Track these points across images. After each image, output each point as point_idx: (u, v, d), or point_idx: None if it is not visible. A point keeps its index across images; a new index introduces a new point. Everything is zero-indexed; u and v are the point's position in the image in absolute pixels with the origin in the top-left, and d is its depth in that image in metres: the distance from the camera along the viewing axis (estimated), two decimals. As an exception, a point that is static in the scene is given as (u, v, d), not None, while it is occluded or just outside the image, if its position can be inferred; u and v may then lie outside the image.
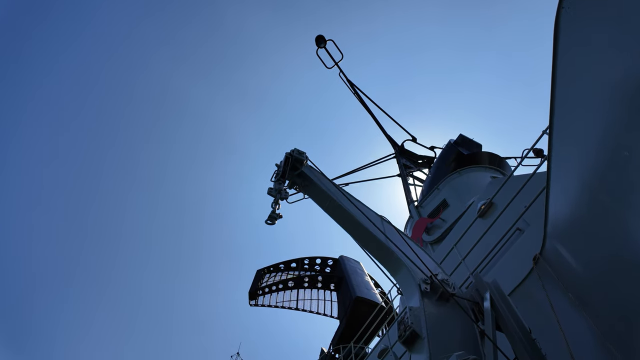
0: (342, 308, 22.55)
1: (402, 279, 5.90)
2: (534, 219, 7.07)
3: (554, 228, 4.47)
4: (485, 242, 7.97)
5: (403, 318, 4.96)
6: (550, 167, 4.11)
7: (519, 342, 4.47)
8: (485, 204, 9.27)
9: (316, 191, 7.11)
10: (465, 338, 4.80)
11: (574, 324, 3.97)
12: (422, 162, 18.22)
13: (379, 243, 6.22)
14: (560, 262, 4.37)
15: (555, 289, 4.29)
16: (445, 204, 12.74)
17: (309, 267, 26.99)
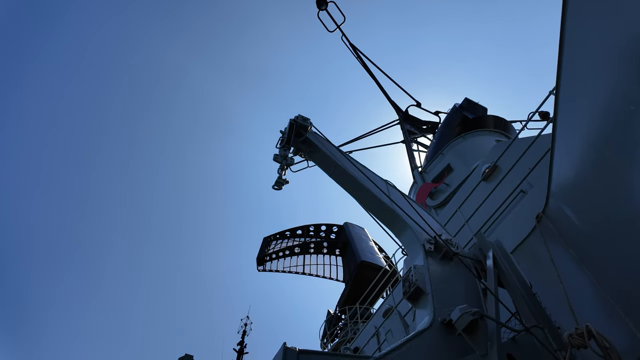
0: (348, 272, 23.21)
1: (407, 240, 6.05)
2: (537, 181, 7.12)
3: (558, 186, 4.53)
4: (488, 205, 8.07)
5: (408, 276, 5.13)
6: (556, 126, 4.11)
7: (520, 296, 4.65)
8: (489, 167, 9.30)
9: (321, 157, 7.16)
10: (468, 294, 4.98)
11: (575, 279, 4.11)
12: (427, 128, 18.08)
13: (384, 206, 6.33)
14: (562, 220, 4.46)
15: (556, 245, 4.40)
16: (449, 169, 12.77)
17: (315, 234, 27.52)
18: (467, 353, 4.01)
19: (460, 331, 4.02)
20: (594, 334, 3.35)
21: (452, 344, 4.12)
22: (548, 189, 4.66)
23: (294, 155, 7.24)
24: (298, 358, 3.26)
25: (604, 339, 3.31)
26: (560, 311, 4.28)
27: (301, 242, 27.13)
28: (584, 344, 3.36)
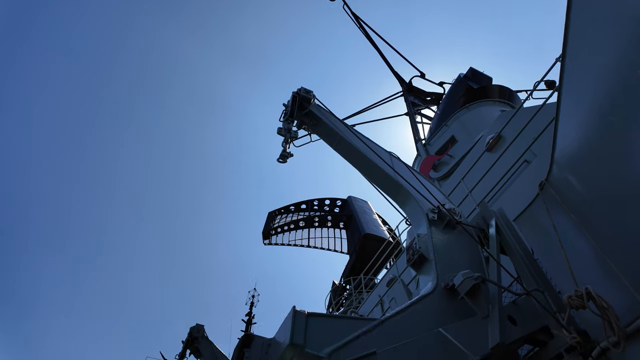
0: (352, 244, 23.57)
1: (411, 210, 6.13)
2: (541, 150, 7.11)
3: (561, 153, 4.54)
4: (492, 175, 8.10)
5: (412, 244, 5.25)
6: (561, 92, 4.08)
7: (521, 262, 4.77)
8: (493, 137, 9.26)
9: (324, 130, 7.15)
10: (471, 261, 5.10)
11: (576, 244, 4.19)
12: (431, 99, 17.85)
13: (388, 178, 6.38)
14: (565, 187, 4.50)
15: (559, 212, 4.46)
16: (453, 140, 12.72)
17: (319, 208, 27.79)
18: (469, 316, 4.16)
19: (462, 295, 4.16)
20: (592, 296, 3.46)
21: (455, 307, 4.26)
22: (552, 156, 4.67)
23: (298, 129, 7.24)
24: (307, 320, 3.40)
25: (602, 299, 3.42)
26: (561, 276, 4.39)
27: (306, 216, 27.46)
28: (582, 304, 3.48)
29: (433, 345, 3.43)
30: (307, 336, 3.29)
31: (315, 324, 3.45)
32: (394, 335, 3.54)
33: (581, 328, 3.95)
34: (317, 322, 3.49)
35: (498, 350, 3.73)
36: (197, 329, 12.48)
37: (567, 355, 3.94)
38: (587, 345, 3.66)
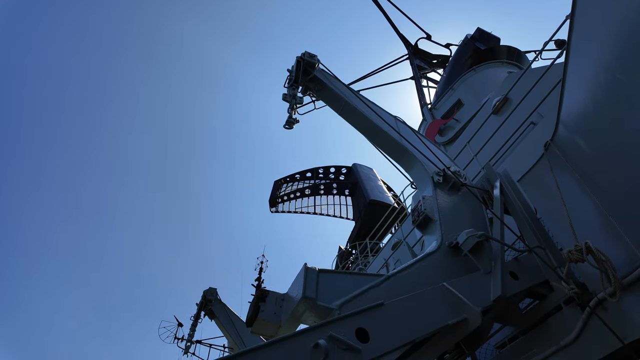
0: (357, 210, 23.90)
1: (416, 173, 6.22)
2: (548, 112, 7.05)
3: (568, 112, 4.55)
4: (498, 138, 8.10)
5: (417, 206, 5.38)
6: (569, 50, 4.04)
7: (524, 221, 4.90)
8: (500, 100, 9.16)
9: (330, 95, 7.13)
10: (475, 221, 5.24)
11: (578, 202, 4.28)
12: (437, 62, 17.45)
13: (393, 142, 6.42)
14: (570, 146, 4.54)
15: (563, 171, 4.52)
16: (459, 104, 12.57)
17: (324, 176, 27.95)
18: (472, 272, 4.34)
19: (466, 252, 4.32)
20: (592, 250, 3.60)
21: (458, 264, 4.45)
22: (558, 116, 4.68)
23: (303, 95, 7.21)
24: (318, 276, 3.59)
25: (600, 253, 3.56)
26: (562, 233, 4.51)
27: (311, 184, 27.70)
28: (581, 258, 3.62)
29: (437, 297, 3.62)
30: (318, 290, 3.49)
31: (325, 279, 3.64)
32: (400, 289, 3.73)
33: (580, 281, 4.12)
34: (328, 277, 3.68)
35: (499, 303, 3.93)
36: (211, 292, 13.04)
37: (566, 306, 4.13)
38: (585, 296, 3.84)
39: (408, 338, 3.13)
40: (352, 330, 2.96)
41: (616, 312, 3.63)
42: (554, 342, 4.10)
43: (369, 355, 2.85)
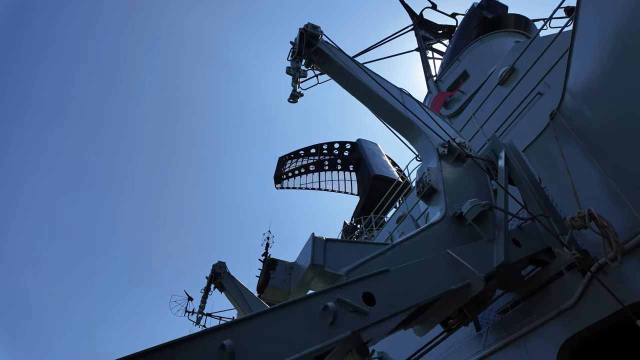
0: (362, 186, 24.00)
1: (421, 145, 6.23)
2: (555, 81, 6.95)
3: (575, 81, 4.51)
4: (504, 109, 8.02)
5: (422, 177, 5.42)
6: (578, 15, 3.96)
7: (528, 190, 4.94)
8: (506, 70, 9.01)
9: (334, 68, 7.05)
10: (479, 192, 5.29)
11: (583, 170, 4.31)
12: (443, 33, 17.04)
13: (398, 114, 6.40)
14: (576, 115, 4.52)
15: (568, 140, 4.53)
16: (465, 75, 12.37)
17: (328, 152, 27.91)
18: (476, 240, 4.43)
19: (470, 221, 4.40)
20: (594, 216, 3.66)
21: (462, 234, 4.52)
22: (564, 84, 4.64)
23: (307, 67, 7.14)
24: (325, 244, 3.70)
25: (603, 219, 3.62)
26: (566, 202, 4.56)
27: (315, 160, 27.70)
28: (584, 225, 3.69)
29: (441, 263, 3.73)
30: (326, 258, 3.60)
31: (332, 247, 3.75)
32: (404, 257, 3.83)
33: (582, 248, 4.21)
34: (335, 246, 3.79)
35: (502, 269, 4.03)
36: (220, 265, 13.38)
37: (567, 272, 4.24)
38: (587, 262, 3.93)
39: (412, 302, 3.25)
40: (359, 294, 3.08)
41: (616, 276, 3.72)
42: (555, 307, 4.23)
43: (375, 318, 2.97)
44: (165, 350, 2.21)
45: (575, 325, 3.98)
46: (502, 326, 4.93)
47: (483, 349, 5.05)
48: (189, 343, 2.25)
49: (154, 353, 2.18)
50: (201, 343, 2.29)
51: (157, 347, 2.19)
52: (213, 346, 2.29)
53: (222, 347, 2.28)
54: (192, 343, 2.26)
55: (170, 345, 2.21)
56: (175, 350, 2.21)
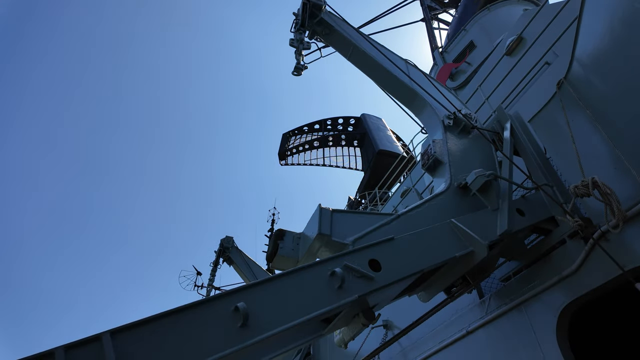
0: (366, 161, 23.99)
1: (426, 117, 6.21)
2: (564, 50, 6.81)
3: (583, 48, 4.44)
4: (511, 79, 7.91)
5: (427, 149, 5.44)
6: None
7: (533, 160, 4.96)
8: (514, 40, 8.81)
9: (338, 39, 6.95)
10: (484, 163, 5.30)
11: (588, 139, 4.31)
12: (449, 2, 16.56)
13: (403, 85, 6.35)
14: (583, 83, 4.48)
15: (574, 109, 4.50)
16: (472, 46, 12.11)
17: (332, 127, 27.74)
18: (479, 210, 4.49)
19: (474, 191, 4.45)
20: (598, 184, 3.69)
21: (466, 204, 4.59)
22: (573, 52, 4.57)
23: (310, 39, 7.05)
24: (332, 215, 3.78)
25: (606, 186, 3.66)
26: (571, 171, 4.59)
27: (319, 136, 27.58)
28: (587, 193, 3.73)
29: (445, 232, 3.81)
30: (332, 228, 3.69)
31: (339, 218, 3.84)
32: (409, 227, 3.91)
33: (585, 217, 4.26)
34: (341, 216, 3.87)
35: (506, 237, 4.11)
36: (227, 240, 13.69)
37: (570, 240, 4.31)
38: (589, 229, 4.00)
39: (417, 268, 3.36)
40: (365, 261, 3.18)
41: (617, 242, 3.79)
42: (557, 274, 4.33)
43: (381, 283, 3.08)
44: (181, 313, 2.33)
45: (575, 291, 4.09)
46: (504, 293, 5.07)
47: (485, 315, 5.22)
48: (204, 305, 2.38)
49: (168, 316, 2.30)
50: (216, 305, 2.41)
51: (173, 310, 2.32)
52: (227, 308, 2.41)
53: (235, 309, 2.40)
54: (207, 305, 2.38)
55: (188, 308, 2.34)
56: (191, 312, 2.33)
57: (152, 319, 2.21)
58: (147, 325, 2.18)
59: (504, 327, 4.92)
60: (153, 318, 2.22)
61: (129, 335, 2.11)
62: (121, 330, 2.12)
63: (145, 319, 2.20)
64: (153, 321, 2.21)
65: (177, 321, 2.26)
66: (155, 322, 2.21)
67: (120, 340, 2.08)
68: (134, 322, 2.16)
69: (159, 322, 2.21)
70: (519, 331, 4.67)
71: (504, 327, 4.92)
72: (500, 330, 4.98)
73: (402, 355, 6.96)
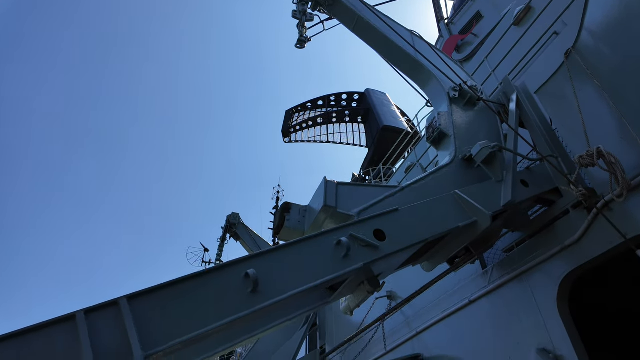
0: (370, 137, 23.86)
1: (432, 90, 6.15)
2: (573, 19, 6.63)
3: (592, 16, 4.34)
4: (518, 51, 7.76)
5: (432, 122, 5.43)
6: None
7: (538, 131, 4.94)
8: (522, 9, 8.58)
9: (341, 9, 6.80)
10: (489, 135, 5.30)
11: (595, 108, 4.27)
12: (455, -29, 15.96)
13: (408, 57, 6.26)
14: (592, 52, 4.40)
15: (582, 79, 4.44)
16: (478, 16, 11.80)
17: (336, 103, 27.44)
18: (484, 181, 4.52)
19: (479, 163, 4.47)
20: (603, 154, 3.69)
21: (471, 176, 4.61)
22: (582, 21, 4.47)
23: (313, 11, 6.90)
24: (337, 187, 3.83)
25: (611, 155, 3.66)
26: (577, 142, 4.57)
27: (323, 113, 27.33)
28: (592, 162, 3.74)
29: (449, 202, 3.86)
30: (338, 200, 3.75)
31: (344, 190, 3.89)
32: (414, 198, 3.95)
33: (589, 187, 4.28)
34: (346, 189, 3.92)
35: (509, 208, 4.16)
36: (234, 216, 13.91)
37: (573, 210, 4.35)
38: (593, 199, 4.02)
39: (421, 237, 3.42)
40: (370, 231, 3.25)
41: (621, 212, 3.83)
42: (559, 244, 4.39)
43: (385, 251, 3.16)
44: (194, 279, 2.43)
45: (577, 260, 4.15)
46: (507, 263, 5.16)
47: (488, 285, 5.33)
48: (216, 272, 2.47)
49: (182, 282, 2.40)
50: (228, 272, 2.50)
51: (187, 277, 2.41)
52: (238, 275, 2.50)
53: (246, 276, 2.49)
54: (219, 272, 2.47)
55: (201, 275, 2.43)
56: (204, 279, 2.43)
57: (167, 284, 2.31)
58: (162, 291, 2.28)
59: (506, 296, 5.04)
60: (168, 284, 2.32)
61: (145, 300, 2.21)
62: (137, 295, 2.22)
63: (159, 285, 2.29)
64: (168, 287, 2.31)
65: (190, 287, 2.36)
66: (170, 287, 2.31)
67: (137, 304, 2.18)
68: (149, 288, 2.26)
69: (174, 288, 2.31)
70: (520, 299, 4.78)
71: (506, 296, 5.04)
72: (502, 298, 5.10)
73: (405, 325, 7.17)
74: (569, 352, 4.02)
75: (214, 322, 2.28)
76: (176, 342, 2.14)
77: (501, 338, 4.94)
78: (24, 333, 1.90)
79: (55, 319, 2.02)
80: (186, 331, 2.19)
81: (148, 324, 2.14)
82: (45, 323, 1.99)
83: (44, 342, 1.94)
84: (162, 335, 2.14)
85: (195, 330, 2.20)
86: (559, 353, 4.11)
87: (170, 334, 2.16)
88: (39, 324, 1.97)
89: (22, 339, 1.88)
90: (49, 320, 2.01)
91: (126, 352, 1.97)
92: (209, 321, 2.28)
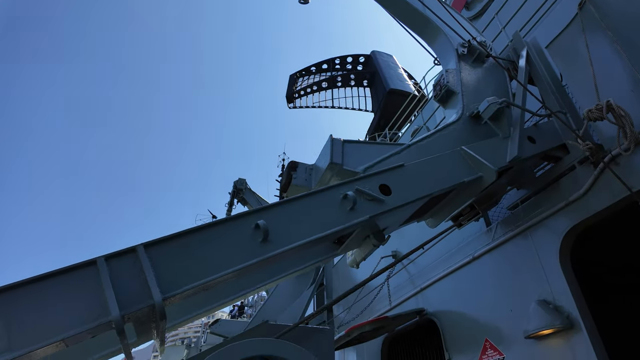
0: (376, 101, 23.49)
1: (440, 46, 5.99)
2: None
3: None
4: (530, 6, 7.45)
5: (439, 80, 5.34)
6: None
7: (547, 87, 4.85)
8: (537, -40, 8.14)
9: (346, -36, 6.53)
10: (498, 92, 5.20)
11: (607, 61, 4.16)
12: None
13: (415, 12, 6.05)
14: (607, 2, 4.23)
15: (596, 31, 4.30)
16: (490, -30, 11.23)
17: (341, 67, 26.85)
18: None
19: (486, 119, 4.44)
20: (612, 107, 3.64)
21: (478, 133, 4.59)
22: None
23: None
24: (343, 145, 3.86)
25: (620, 109, 3.61)
26: (587, 98, 4.48)
27: (328, 77, 26.80)
28: (601, 116, 3.70)
29: (455, 158, 3.88)
30: (344, 157, 3.79)
31: (350, 148, 3.91)
32: (420, 155, 3.97)
33: (597, 143, 4.25)
34: (352, 146, 3.95)
35: (515, 164, 4.16)
36: (241, 182, 14.08)
37: (579, 166, 4.34)
38: (599, 154, 4.01)
39: (426, 192, 3.48)
40: (376, 186, 3.30)
41: (627, 165, 3.83)
42: (564, 199, 4.43)
43: (390, 205, 3.23)
44: (207, 229, 2.52)
45: (581, 214, 4.20)
46: (511, 220, 5.23)
47: (492, 242, 5.44)
48: (228, 223, 2.56)
49: (196, 232, 2.50)
50: (239, 223, 2.59)
51: (200, 227, 2.50)
52: (249, 225, 2.59)
53: (257, 227, 2.59)
54: (231, 223, 2.56)
55: (213, 225, 2.52)
56: (217, 228, 2.52)
57: (182, 233, 2.41)
58: (177, 239, 2.38)
59: (509, 252, 5.15)
60: (182, 233, 2.42)
61: (161, 247, 2.31)
62: (154, 243, 2.32)
63: (175, 233, 2.40)
64: (182, 236, 2.41)
65: (204, 236, 2.46)
66: (184, 236, 2.41)
67: (154, 251, 2.29)
68: (165, 237, 2.37)
69: (188, 237, 2.41)
70: (523, 255, 4.89)
71: (509, 252, 5.15)
72: (505, 254, 5.21)
73: (410, 282, 7.40)
74: (568, 303, 4.16)
75: (226, 268, 2.39)
76: (191, 286, 2.26)
77: (503, 291, 5.10)
78: (50, 276, 2.02)
79: (78, 264, 2.14)
80: (200, 277, 2.31)
81: (164, 270, 2.26)
82: (68, 268, 2.10)
83: (68, 285, 2.06)
84: (178, 280, 2.26)
85: (208, 275, 2.32)
86: (559, 304, 4.26)
87: (185, 280, 2.28)
88: (62, 269, 2.08)
89: (49, 282, 2.00)
90: (72, 265, 2.13)
91: (146, 294, 2.10)
92: (222, 268, 2.39)
